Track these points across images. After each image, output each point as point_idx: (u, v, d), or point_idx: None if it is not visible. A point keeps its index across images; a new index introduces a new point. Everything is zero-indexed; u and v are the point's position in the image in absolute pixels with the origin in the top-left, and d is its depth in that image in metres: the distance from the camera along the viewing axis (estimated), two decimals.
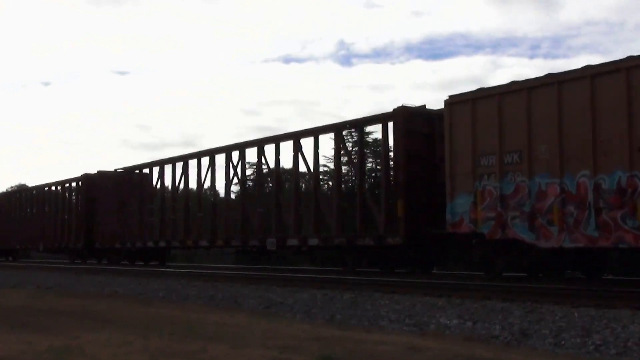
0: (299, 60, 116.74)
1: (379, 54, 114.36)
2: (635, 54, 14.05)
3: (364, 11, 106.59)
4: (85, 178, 36.56)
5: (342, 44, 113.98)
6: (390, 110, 19.82)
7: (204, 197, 29.22)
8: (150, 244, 30.68)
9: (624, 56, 14.16)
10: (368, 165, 32.65)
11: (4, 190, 51.95)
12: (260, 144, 24.81)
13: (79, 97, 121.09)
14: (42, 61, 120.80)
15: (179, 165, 29.73)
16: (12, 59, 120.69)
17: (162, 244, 30.09)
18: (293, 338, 8.30)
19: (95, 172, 36.06)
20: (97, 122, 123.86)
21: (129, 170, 33.53)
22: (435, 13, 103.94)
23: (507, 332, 9.53)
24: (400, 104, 19.56)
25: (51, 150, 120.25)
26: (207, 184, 28.57)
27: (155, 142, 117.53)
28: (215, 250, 29.08)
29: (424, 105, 19.71)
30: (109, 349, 7.46)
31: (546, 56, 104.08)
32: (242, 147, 25.67)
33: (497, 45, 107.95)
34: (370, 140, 33.98)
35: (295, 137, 23.03)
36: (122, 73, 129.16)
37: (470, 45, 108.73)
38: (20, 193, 46.72)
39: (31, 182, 71.38)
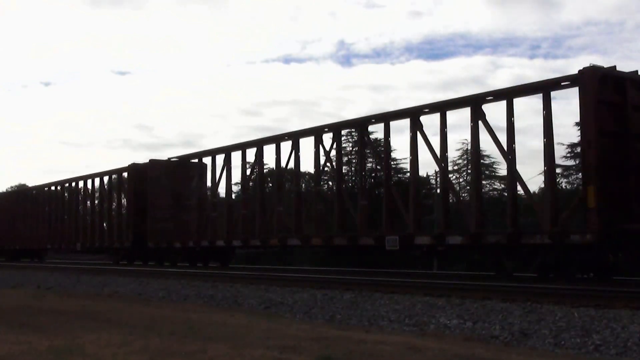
0: (299, 60, 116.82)
1: (379, 54, 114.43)
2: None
3: (364, 11, 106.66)
4: (134, 168, 31.88)
5: (342, 44, 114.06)
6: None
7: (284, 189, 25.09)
8: (220, 242, 26.02)
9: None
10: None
11: (32, 186, 45.73)
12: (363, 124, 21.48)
13: (79, 97, 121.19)
14: (42, 61, 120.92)
15: (251, 152, 25.55)
16: (12, 59, 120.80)
17: (236, 242, 25.29)
18: (293, 338, 8.30)
19: (146, 161, 31.23)
20: (97, 122, 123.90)
21: (185, 159, 29.61)
22: (435, 13, 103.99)
23: (507, 332, 9.53)
24: (589, 64, 15.06)
25: (51, 150, 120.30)
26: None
27: (155, 142, 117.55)
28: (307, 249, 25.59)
29: (615, 67, 15.69)
30: (109, 349, 7.46)
31: (546, 56, 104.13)
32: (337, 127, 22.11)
33: (497, 45, 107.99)
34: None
35: (386, 119, 20.14)
36: (122, 73, 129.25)
37: (470, 45, 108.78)
38: (52, 186, 40.87)
39: (31, 182, 71.29)
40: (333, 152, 21.84)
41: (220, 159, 26.77)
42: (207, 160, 28.20)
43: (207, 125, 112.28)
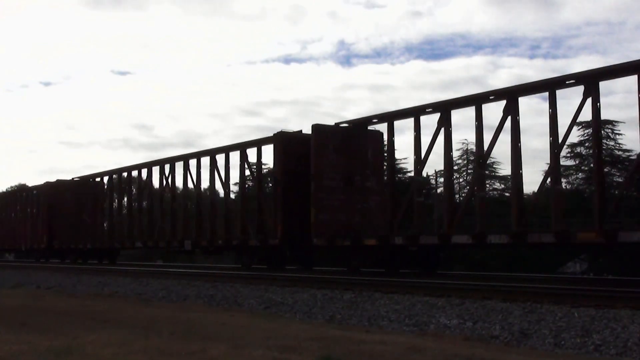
0: (299, 60, 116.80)
1: (379, 54, 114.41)
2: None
3: (364, 11, 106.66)
4: (283, 137, 22.41)
5: (342, 44, 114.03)
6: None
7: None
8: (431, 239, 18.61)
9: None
10: None
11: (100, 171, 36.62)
12: None
13: (79, 97, 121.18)
14: (42, 61, 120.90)
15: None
16: (12, 59, 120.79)
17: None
18: (293, 338, 8.30)
19: (296, 130, 23.18)
20: (97, 122, 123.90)
21: (361, 123, 21.83)
22: (435, 13, 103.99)
23: (507, 332, 9.53)
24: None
25: (51, 150, 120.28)
26: None
27: (155, 142, 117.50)
28: None
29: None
30: (109, 348, 7.46)
31: (546, 56, 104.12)
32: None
33: (497, 45, 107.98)
34: None
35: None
36: (122, 73, 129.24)
37: (470, 45, 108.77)
38: (134, 170, 32.82)
39: (31, 182, 71.16)
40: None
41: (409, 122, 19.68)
42: (381, 127, 21.30)
43: (207, 125, 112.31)
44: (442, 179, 23.38)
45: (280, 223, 21.84)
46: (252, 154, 24.47)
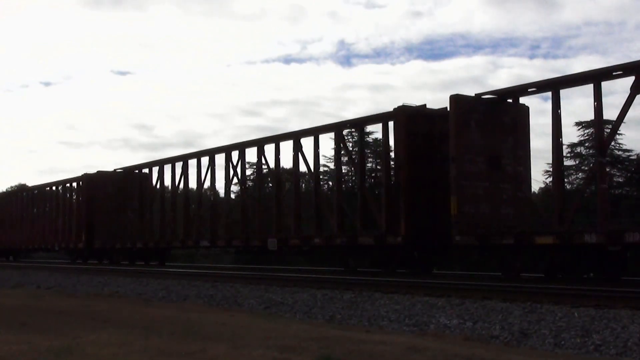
0: (299, 60, 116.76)
1: (379, 54, 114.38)
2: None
3: (364, 11, 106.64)
4: (405, 111, 19.42)
5: (342, 44, 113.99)
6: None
7: None
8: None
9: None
10: None
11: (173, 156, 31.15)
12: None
13: (79, 97, 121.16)
14: (42, 61, 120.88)
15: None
16: (12, 59, 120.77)
17: None
18: (293, 338, 8.30)
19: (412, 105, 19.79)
20: (97, 122, 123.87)
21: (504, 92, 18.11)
22: (435, 13, 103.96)
23: (507, 332, 9.53)
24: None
25: (51, 150, 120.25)
26: None
27: (155, 142, 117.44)
28: None
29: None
30: (109, 349, 7.46)
31: (546, 56, 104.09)
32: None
33: (497, 45, 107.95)
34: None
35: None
36: (122, 73, 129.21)
37: (470, 45, 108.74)
38: (205, 156, 27.91)
39: (31, 182, 71.08)
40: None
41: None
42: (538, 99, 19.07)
43: (207, 125, 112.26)
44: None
45: (405, 217, 18.47)
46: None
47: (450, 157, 17.21)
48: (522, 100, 17.89)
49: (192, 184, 29.24)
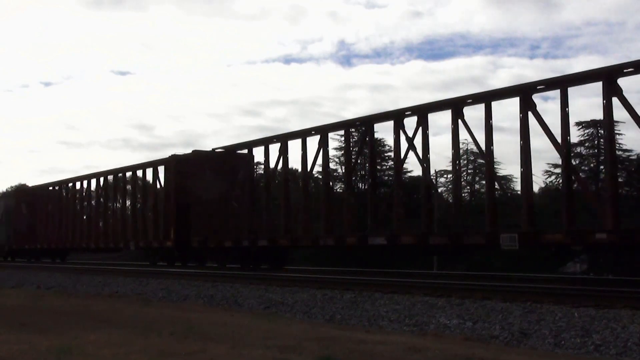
0: (299, 60, 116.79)
1: (379, 54, 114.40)
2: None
3: (364, 11, 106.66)
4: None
5: (342, 44, 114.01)
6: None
7: None
8: None
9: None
10: None
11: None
12: None
13: (79, 97, 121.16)
14: (42, 61, 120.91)
15: None
16: (12, 59, 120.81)
17: None
18: (293, 338, 8.30)
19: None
20: (97, 122, 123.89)
21: None
22: (435, 13, 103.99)
23: (507, 332, 9.54)
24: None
25: (51, 150, 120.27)
26: None
27: (155, 142, 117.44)
28: None
29: None
30: (109, 349, 7.46)
31: (546, 56, 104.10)
32: None
33: (497, 45, 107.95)
34: None
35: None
36: (122, 73, 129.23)
37: (470, 45, 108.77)
38: (295, 138, 22.48)
39: (31, 182, 70.97)
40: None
41: None
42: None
43: (207, 125, 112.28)
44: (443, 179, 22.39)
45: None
46: None
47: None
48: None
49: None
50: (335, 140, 22.86)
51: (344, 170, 28.23)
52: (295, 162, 23.41)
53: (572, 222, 15.08)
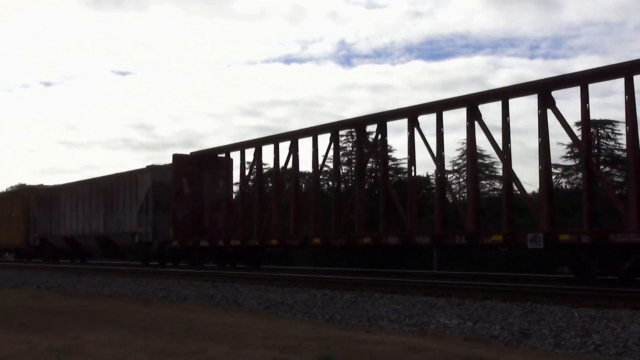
0: (299, 60, 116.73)
1: (379, 54, 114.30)
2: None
3: (365, 11, 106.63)
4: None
5: (342, 44, 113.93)
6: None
7: None
8: None
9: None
10: None
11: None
12: None
13: (79, 97, 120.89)
14: (42, 61, 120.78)
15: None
16: (12, 59, 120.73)
17: None
18: (293, 338, 8.30)
19: None
20: (97, 122, 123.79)
21: None
22: (435, 14, 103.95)
23: (507, 332, 9.54)
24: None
25: (51, 150, 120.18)
26: None
27: (155, 142, 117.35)
28: None
29: None
30: (109, 349, 7.46)
31: (546, 56, 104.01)
32: None
33: (497, 45, 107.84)
34: None
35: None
36: (122, 73, 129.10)
37: (470, 45, 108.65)
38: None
39: (31, 182, 70.96)
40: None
41: None
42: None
43: (207, 125, 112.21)
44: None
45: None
46: None
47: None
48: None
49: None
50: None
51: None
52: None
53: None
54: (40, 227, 38.07)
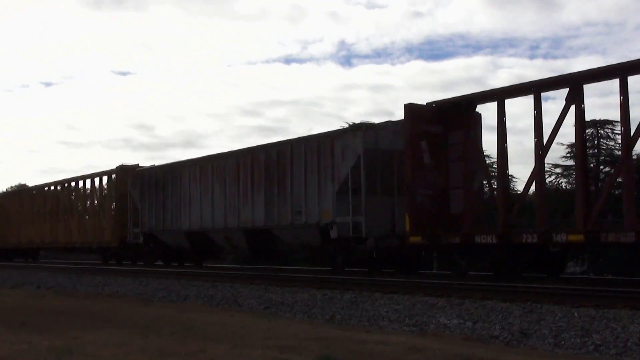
0: (299, 60, 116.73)
1: (379, 54, 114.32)
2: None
3: (365, 11, 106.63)
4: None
5: (342, 44, 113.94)
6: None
7: None
8: None
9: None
10: None
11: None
12: None
13: (79, 97, 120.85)
14: (42, 61, 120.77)
15: None
16: (12, 59, 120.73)
17: None
18: (293, 338, 8.31)
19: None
20: (97, 122, 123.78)
21: None
22: (435, 14, 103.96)
23: (507, 332, 9.53)
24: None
25: (51, 150, 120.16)
26: None
27: (155, 142, 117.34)
28: None
29: None
30: (109, 349, 7.46)
31: (546, 56, 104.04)
32: None
33: (497, 45, 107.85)
34: None
35: None
36: (122, 73, 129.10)
37: (470, 45, 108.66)
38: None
39: (31, 182, 71.00)
40: None
41: None
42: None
43: (207, 125, 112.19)
44: None
45: None
46: None
47: None
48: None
49: None
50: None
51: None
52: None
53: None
54: (145, 220, 29.02)
